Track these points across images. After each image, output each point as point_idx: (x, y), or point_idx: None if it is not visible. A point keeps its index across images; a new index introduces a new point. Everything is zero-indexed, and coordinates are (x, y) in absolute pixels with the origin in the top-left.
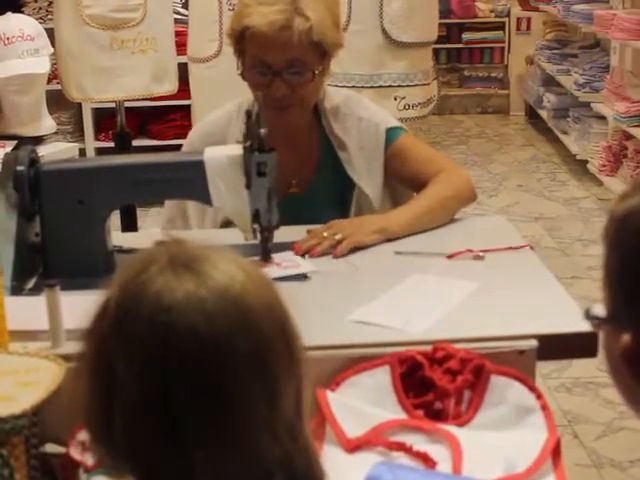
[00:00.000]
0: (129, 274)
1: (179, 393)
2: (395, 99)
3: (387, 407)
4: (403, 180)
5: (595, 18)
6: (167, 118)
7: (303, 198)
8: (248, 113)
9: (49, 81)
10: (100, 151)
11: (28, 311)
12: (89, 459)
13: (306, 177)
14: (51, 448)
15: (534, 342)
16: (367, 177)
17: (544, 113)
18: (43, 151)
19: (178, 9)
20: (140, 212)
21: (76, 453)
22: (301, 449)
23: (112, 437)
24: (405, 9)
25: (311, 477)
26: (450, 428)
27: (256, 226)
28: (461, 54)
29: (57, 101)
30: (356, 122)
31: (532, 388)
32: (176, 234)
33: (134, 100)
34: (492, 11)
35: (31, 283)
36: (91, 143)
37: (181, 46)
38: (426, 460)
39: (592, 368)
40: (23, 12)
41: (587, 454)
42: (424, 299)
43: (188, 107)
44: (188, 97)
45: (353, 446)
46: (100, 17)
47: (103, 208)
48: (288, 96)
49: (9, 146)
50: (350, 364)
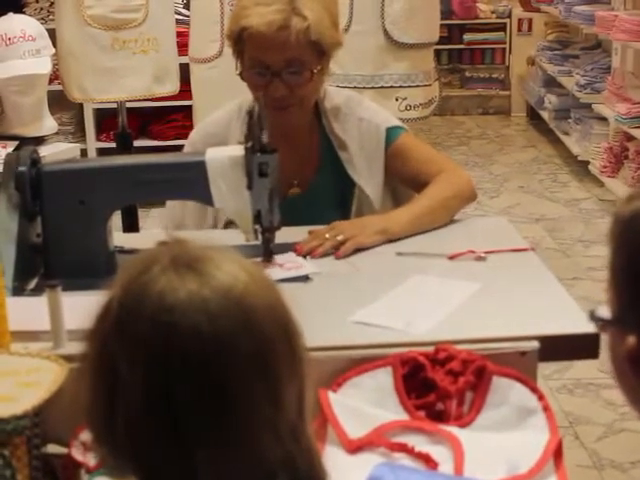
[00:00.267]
0: (131, 274)
1: (182, 393)
2: (396, 100)
3: (389, 408)
4: (403, 180)
5: (596, 19)
6: (168, 119)
7: (304, 198)
8: (250, 114)
9: (50, 81)
10: (101, 152)
11: (29, 312)
12: (91, 460)
13: (307, 177)
14: (53, 449)
15: (536, 343)
16: (368, 177)
17: (545, 114)
18: (44, 151)
19: (180, 10)
20: (141, 213)
21: (78, 454)
22: (303, 449)
23: (114, 437)
24: (406, 10)
25: (313, 477)
26: (452, 429)
27: (258, 227)
28: (462, 55)
29: (58, 101)
30: (357, 122)
31: (534, 389)
32: (178, 234)
33: (135, 101)
34: (493, 12)
35: (32, 284)
36: (92, 143)
37: (182, 47)
38: (428, 461)
39: (593, 369)
40: (25, 12)
41: (588, 455)
42: (426, 300)
43: (189, 108)
44: (189, 98)
45: (355, 447)
46: (102, 18)
47: (104, 208)
48: (287, 96)
49: (10, 146)
50: (352, 365)
